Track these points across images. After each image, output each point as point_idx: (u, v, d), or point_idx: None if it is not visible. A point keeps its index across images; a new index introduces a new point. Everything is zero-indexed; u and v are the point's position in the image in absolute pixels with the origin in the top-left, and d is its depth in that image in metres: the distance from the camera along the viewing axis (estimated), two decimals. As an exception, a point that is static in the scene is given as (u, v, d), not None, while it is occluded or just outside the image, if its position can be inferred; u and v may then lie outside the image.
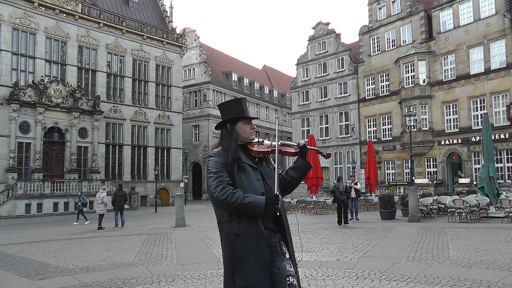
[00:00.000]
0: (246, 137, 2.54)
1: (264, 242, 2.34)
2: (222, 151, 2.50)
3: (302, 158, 2.60)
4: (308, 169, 2.62)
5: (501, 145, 25.55)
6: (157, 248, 9.51)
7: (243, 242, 2.33)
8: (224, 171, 2.40)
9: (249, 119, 2.57)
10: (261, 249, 2.33)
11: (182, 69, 41.43)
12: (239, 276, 2.32)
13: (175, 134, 37.92)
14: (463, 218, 13.47)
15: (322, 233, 11.51)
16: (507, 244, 8.30)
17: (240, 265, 2.32)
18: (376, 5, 34.06)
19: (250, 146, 2.54)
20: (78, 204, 19.45)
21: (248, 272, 2.30)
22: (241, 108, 2.57)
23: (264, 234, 2.34)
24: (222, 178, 2.37)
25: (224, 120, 2.57)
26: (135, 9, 37.81)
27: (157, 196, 31.34)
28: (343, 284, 5.36)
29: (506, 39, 26.00)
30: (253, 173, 2.47)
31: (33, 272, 7.01)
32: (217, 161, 2.45)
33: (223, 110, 2.61)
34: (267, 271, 2.32)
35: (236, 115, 2.54)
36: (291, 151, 2.61)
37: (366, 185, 24.77)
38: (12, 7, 27.69)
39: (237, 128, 2.54)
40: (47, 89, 28.38)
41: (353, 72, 35.58)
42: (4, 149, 26.40)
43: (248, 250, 2.32)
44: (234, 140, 2.50)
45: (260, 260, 2.31)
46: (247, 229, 2.33)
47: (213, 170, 2.42)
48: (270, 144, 2.58)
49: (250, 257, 2.31)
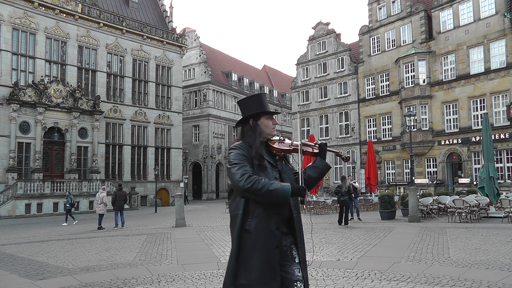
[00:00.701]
0: (269, 133, 2.52)
1: (273, 243, 2.30)
2: (243, 144, 2.47)
3: (322, 158, 2.57)
4: (327, 169, 2.57)
5: (501, 145, 25.55)
6: (157, 248, 9.51)
7: (252, 239, 2.29)
8: (247, 162, 2.36)
9: (271, 114, 2.54)
10: (269, 249, 2.29)
11: (182, 69, 41.43)
12: (243, 273, 2.28)
13: (175, 134, 37.92)
14: (463, 218, 13.47)
15: (322, 233, 11.50)
16: (507, 244, 8.30)
17: (245, 262, 2.28)
18: (376, 5, 34.06)
19: (271, 143, 2.51)
20: (66, 205, 19.30)
21: (252, 271, 2.26)
22: (263, 104, 2.55)
23: (274, 234, 2.31)
24: (246, 168, 2.31)
25: (246, 115, 2.54)
26: (135, 9, 37.81)
27: (157, 196, 31.33)
28: (343, 284, 5.36)
29: (506, 39, 26.00)
30: (271, 171, 2.44)
31: (33, 272, 7.01)
32: (239, 153, 2.40)
33: (244, 106, 2.57)
34: (273, 273, 2.27)
35: (258, 110, 2.51)
36: (311, 151, 2.59)
37: (366, 185, 24.77)
38: (12, 7, 27.69)
39: (260, 123, 2.50)
40: (47, 89, 28.38)
41: (353, 72, 35.58)
42: (4, 149, 26.40)
43: (256, 248, 2.28)
44: (258, 135, 2.47)
45: (267, 260, 2.27)
46: (257, 226, 2.29)
47: (236, 161, 2.36)
48: (291, 143, 2.56)
49: (257, 255, 2.27)
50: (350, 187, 14.57)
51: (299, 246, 2.43)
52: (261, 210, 2.31)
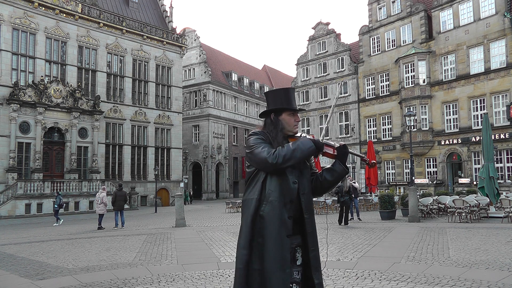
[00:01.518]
0: (290, 130, 2.48)
1: (285, 231, 2.27)
2: (262, 132, 2.46)
3: (341, 161, 2.47)
4: (344, 174, 2.48)
5: (501, 145, 25.55)
6: (157, 248, 9.51)
7: (265, 225, 2.27)
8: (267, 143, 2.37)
9: (294, 111, 2.49)
10: (282, 237, 2.26)
11: (182, 69, 41.43)
12: (256, 258, 2.26)
13: (175, 134, 37.92)
14: (463, 218, 13.46)
15: (322, 233, 11.50)
16: (507, 244, 8.29)
17: (258, 247, 2.27)
18: (376, 5, 34.06)
19: (291, 140, 2.45)
20: (54, 205, 19.24)
21: (265, 256, 2.24)
22: (288, 99, 2.49)
23: (286, 223, 2.28)
24: (268, 147, 2.32)
25: (269, 109, 2.51)
26: (135, 9, 37.81)
27: (157, 196, 31.33)
28: (343, 284, 5.35)
29: (506, 39, 26.00)
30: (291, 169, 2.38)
31: (33, 272, 7.01)
32: (259, 137, 2.40)
33: (270, 98, 2.54)
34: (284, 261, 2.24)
35: (281, 105, 2.47)
36: (331, 153, 2.48)
37: (366, 185, 24.76)
38: (12, 7, 27.69)
39: (281, 119, 2.47)
40: (47, 89, 28.38)
41: (353, 72, 35.58)
42: (4, 149, 26.39)
43: (269, 234, 2.26)
44: (280, 130, 2.44)
45: (279, 248, 2.25)
46: (270, 213, 2.28)
47: (256, 142, 2.37)
48: None
49: (270, 241, 2.25)
50: (350, 187, 14.56)
51: (310, 248, 2.38)
52: (275, 196, 2.30)
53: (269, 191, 2.33)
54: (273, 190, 2.31)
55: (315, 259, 2.39)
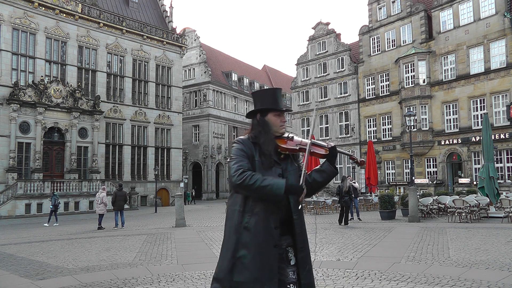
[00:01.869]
0: (276, 130, 2.43)
1: (272, 242, 2.24)
2: (246, 139, 2.41)
3: (330, 162, 2.43)
4: (333, 175, 2.45)
5: (501, 145, 25.55)
6: (157, 248, 9.51)
7: (250, 237, 2.23)
8: (245, 158, 2.31)
9: (280, 111, 2.44)
10: (267, 248, 2.22)
11: (182, 69, 41.43)
12: (239, 270, 2.22)
13: (175, 134, 37.92)
14: (463, 218, 13.46)
15: (322, 233, 11.50)
16: (507, 244, 8.29)
17: (242, 259, 2.23)
18: (376, 5, 34.06)
19: (278, 141, 2.41)
20: (50, 206, 19.15)
21: (248, 269, 2.20)
22: (274, 99, 2.46)
23: (273, 234, 2.24)
24: (242, 163, 2.27)
25: (254, 110, 2.48)
26: (135, 9, 37.82)
27: (157, 196, 31.33)
28: (343, 284, 5.35)
29: (506, 39, 26.00)
30: (274, 168, 2.36)
31: (33, 272, 7.01)
32: (240, 148, 2.36)
33: (256, 99, 2.50)
34: (271, 273, 2.22)
35: (267, 106, 2.44)
36: (321, 153, 2.44)
37: (366, 185, 24.75)
38: (12, 7, 27.69)
39: (267, 119, 2.43)
40: (47, 89, 28.38)
41: (353, 72, 35.57)
42: (4, 149, 26.40)
43: (254, 246, 2.22)
44: (265, 132, 2.40)
45: (265, 259, 2.21)
46: (256, 224, 2.24)
47: (234, 155, 2.33)
48: (300, 142, 2.44)
49: (255, 253, 2.21)
50: (350, 187, 14.57)
51: (299, 249, 2.35)
52: (261, 208, 2.26)
53: (253, 202, 2.28)
54: (258, 200, 2.27)
55: (303, 260, 2.36)
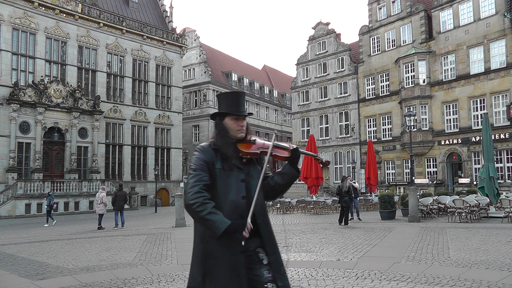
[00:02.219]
0: (233, 134, 2.36)
1: (237, 248, 2.20)
2: (207, 146, 2.35)
3: (291, 164, 2.37)
4: (295, 177, 2.40)
5: (501, 145, 25.55)
6: (157, 248, 9.51)
7: (217, 245, 2.22)
8: (205, 170, 2.25)
9: (237, 115, 2.37)
10: (234, 255, 2.22)
11: (182, 69, 41.44)
12: (209, 278, 2.22)
13: (175, 134, 37.92)
14: (463, 218, 13.46)
15: (322, 233, 11.50)
16: (507, 244, 8.29)
17: (211, 268, 2.23)
18: (376, 5, 34.06)
19: (239, 145, 2.36)
20: (45, 206, 19.11)
21: (218, 277, 2.21)
22: (234, 103, 2.39)
23: (238, 240, 2.19)
24: (200, 177, 2.22)
25: (214, 113, 2.44)
26: (135, 9, 37.82)
27: (157, 196, 31.34)
28: (343, 284, 5.35)
29: (506, 39, 26.00)
30: (237, 173, 2.32)
31: (33, 272, 7.01)
32: (199, 157, 2.29)
33: (219, 101, 2.47)
34: (239, 279, 2.21)
35: (224, 109, 2.39)
36: (283, 156, 2.37)
37: (366, 185, 24.76)
38: (12, 7, 27.70)
39: (224, 123, 2.38)
40: (47, 89, 28.38)
41: (353, 72, 35.57)
42: (4, 149, 26.40)
43: (221, 254, 2.22)
44: (222, 136, 2.35)
45: (232, 266, 2.21)
46: None
47: (193, 166, 2.27)
48: (262, 145, 2.38)
49: (222, 261, 2.21)
50: (350, 187, 14.56)
51: (268, 253, 2.33)
52: (224, 215, 2.23)
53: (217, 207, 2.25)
54: (220, 207, 2.24)
55: (276, 263, 2.34)
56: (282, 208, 21.55)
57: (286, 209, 21.54)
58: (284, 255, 7.62)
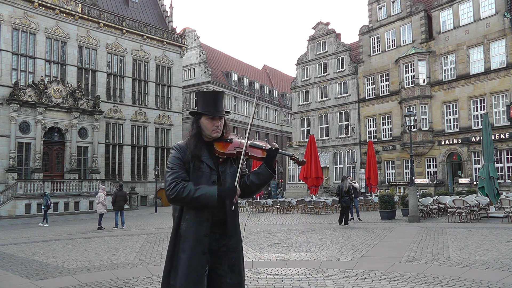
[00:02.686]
0: (208, 134, 2.38)
1: (200, 249, 2.27)
2: (183, 145, 2.37)
3: (267, 164, 2.35)
4: (270, 178, 2.37)
5: (501, 145, 25.55)
6: (157, 248, 9.51)
7: (181, 243, 2.28)
8: (181, 167, 2.29)
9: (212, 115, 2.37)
10: (196, 254, 2.26)
11: (182, 69, 41.43)
12: (173, 274, 2.28)
13: (175, 134, 37.91)
14: (463, 218, 13.46)
15: (322, 233, 11.50)
16: (507, 244, 8.29)
17: (176, 263, 2.28)
18: (376, 5, 34.07)
19: (215, 145, 2.37)
20: (42, 207, 19.16)
21: (178, 274, 2.26)
22: (210, 103, 2.39)
23: (201, 241, 2.27)
24: (177, 175, 2.26)
25: (191, 111, 2.50)
26: (135, 9, 37.82)
27: (157, 196, 31.33)
28: (343, 284, 5.35)
29: (506, 39, 26.00)
30: (209, 174, 2.34)
31: (33, 272, 7.01)
32: (175, 156, 2.33)
33: (197, 100, 2.49)
34: (198, 278, 2.25)
35: (203, 108, 2.39)
36: (259, 156, 2.35)
37: (366, 185, 24.76)
38: (12, 7, 27.69)
39: (200, 122, 2.39)
40: (47, 89, 28.38)
41: (353, 72, 35.58)
42: (4, 149, 26.40)
43: (184, 252, 2.27)
44: (194, 135, 2.38)
45: (192, 265, 2.25)
46: (187, 231, 2.28)
47: (170, 165, 2.31)
48: (238, 144, 2.38)
49: (184, 259, 2.26)
50: (349, 187, 14.56)
51: (232, 250, 2.37)
52: (191, 215, 2.29)
53: (186, 209, 2.32)
54: (190, 208, 2.30)
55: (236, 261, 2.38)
56: (282, 208, 21.56)
57: (286, 209, 21.54)
58: (284, 255, 7.64)
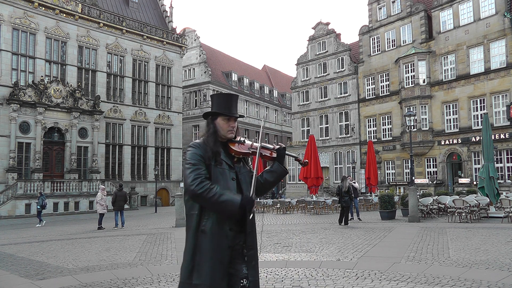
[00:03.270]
0: (223, 134, 2.49)
1: (227, 243, 2.33)
2: (202, 143, 2.45)
3: (279, 162, 2.55)
4: (284, 174, 2.58)
5: (501, 145, 25.55)
6: (157, 248, 9.51)
7: (206, 240, 2.32)
8: (202, 164, 2.35)
9: (229, 116, 2.49)
10: (222, 250, 2.32)
11: (182, 69, 41.43)
12: (196, 272, 2.31)
13: (175, 134, 37.92)
14: (463, 218, 13.46)
15: (322, 233, 11.50)
16: (507, 244, 8.29)
17: (199, 261, 2.31)
18: (376, 5, 34.06)
19: (231, 145, 2.50)
20: (37, 207, 19.20)
21: (205, 270, 2.29)
22: (225, 104, 2.52)
23: (228, 235, 2.33)
24: (199, 171, 2.31)
25: (206, 112, 2.55)
26: (135, 9, 37.82)
27: (157, 196, 31.33)
28: (343, 284, 5.35)
29: (506, 39, 26.00)
30: (228, 171, 2.44)
31: (33, 272, 7.01)
32: (196, 153, 2.38)
33: (212, 102, 2.58)
34: (224, 272, 2.31)
35: (219, 109, 2.50)
36: (270, 156, 2.56)
37: (366, 185, 24.76)
38: (12, 7, 27.69)
39: (216, 123, 2.50)
40: (47, 89, 28.38)
41: (353, 72, 35.57)
42: (4, 149, 26.40)
43: (210, 249, 2.31)
44: (211, 134, 2.47)
45: (219, 260, 2.30)
46: (212, 227, 2.32)
47: (191, 161, 2.35)
48: (250, 145, 2.54)
49: (210, 255, 2.30)
50: (349, 187, 14.55)
51: (248, 247, 2.44)
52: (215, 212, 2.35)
53: None
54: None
55: (251, 257, 2.45)
56: (282, 208, 21.56)
57: (286, 209, 21.54)
58: (284, 255, 7.64)
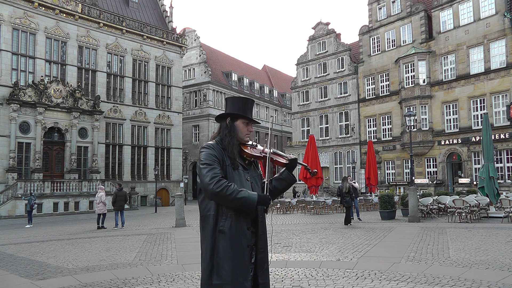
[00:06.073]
0: (241, 137, 2.54)
1: (246, 242, 2.36)
2: (216, 144, 2.46)
3: (289, 171, 2.61)
4: (292, 183, 2.64)
5: (501, 145, 25.55)
6: (157, 248, 9.51)
7: (226, 239, 2.33)
8: (217, 164, 2.37)
9: (249, 120, 2.57)
10: (242, 249, 2.34)
11: (182, 69, 41.42)
12: (216, 273, 2.32)
13: (175, 134, 37.91)
14: (463, 218, 13.46)
15: (322, 233, 11.50)
16: (507, 244, 8.29)
17: (219, 262, 2.33)
18: (376, 5, 34.07)
19: (243, 148, 2.54)
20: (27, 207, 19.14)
21: (225, 270, 2.30)
22: (246, 108, 2.57)
23: (246, 234, 2.36)
24: (216, 171, 2.32)
25: (226, 113, 2.57)
26: (135, 9, 37.80)
27: (157, 196, 31.33)
28: (343, 284, 5.35)
29: (506, 39, 26.00)
30: (243, 172, 2.48)
31: (33, 272, 7.01)
32: (210, 153, 2.40)
33: (229, 103, 2.61)
34: (246, 271, 2.33)
35: (238, 112, 2.54)
36: (281, 162, 2.63)
37: (366, 185, 24.76)
38: (12, 7, 27.68)
39: (236, 125, 2.53)
40: (47, 89, 28.37)
41: (353, 72, 35.58)
42: (4, 149, 26.39)
43: (229, 248, 2.32)
44: (233, 136, 2.49)
45: (239, 260, 2.32)
46: (231, 227, 2.34)
47: (206, 161, 2.36)
48: (262, 150, 2.60)
49: (230, 255, 2.32)
50: (350, 187, 14.55)
51: (259, 249, 2.46)
52: (234, 211, 2.36)
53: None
54: None
55: (262, 260, 2.47)
56: (282, 208, 21.56)
57: (286, 209, 21.55)
58: (284, 255, 7.64)
